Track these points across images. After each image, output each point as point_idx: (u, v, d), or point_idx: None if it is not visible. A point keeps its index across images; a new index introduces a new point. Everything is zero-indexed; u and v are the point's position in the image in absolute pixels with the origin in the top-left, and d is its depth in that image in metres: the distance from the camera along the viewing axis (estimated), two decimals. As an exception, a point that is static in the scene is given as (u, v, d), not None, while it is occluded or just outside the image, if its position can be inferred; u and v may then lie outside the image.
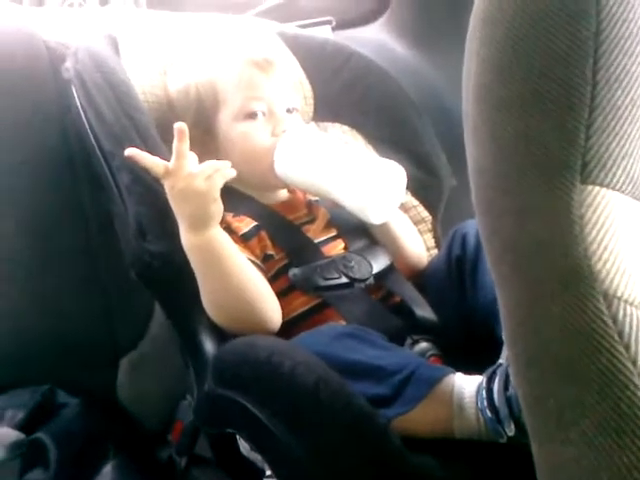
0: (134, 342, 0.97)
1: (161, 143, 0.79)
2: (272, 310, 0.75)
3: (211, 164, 0.73)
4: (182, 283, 0.74)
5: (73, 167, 0.91)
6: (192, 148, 0.73)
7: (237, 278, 0.73)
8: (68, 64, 0.85)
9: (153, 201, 0.74)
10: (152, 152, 0.74)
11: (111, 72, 0.82)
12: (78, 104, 0.81)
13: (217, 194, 0.73)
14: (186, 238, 0.73)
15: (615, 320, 0.39)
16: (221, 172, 0.73)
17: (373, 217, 0.78)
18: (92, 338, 0.94)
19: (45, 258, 0.92)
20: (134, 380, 0.97)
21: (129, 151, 0.72)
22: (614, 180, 0.42)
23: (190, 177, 0.71)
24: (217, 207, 0.73)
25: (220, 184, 0.73)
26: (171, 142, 0.72)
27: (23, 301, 0.92)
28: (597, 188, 0.42)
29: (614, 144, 0.42)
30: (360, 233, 0.87)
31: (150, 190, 0.74)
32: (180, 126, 0.71)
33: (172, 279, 0.75)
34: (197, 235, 0.72)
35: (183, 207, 0.72)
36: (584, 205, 0.41)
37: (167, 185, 0.72)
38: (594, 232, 0.41)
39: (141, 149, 0.74)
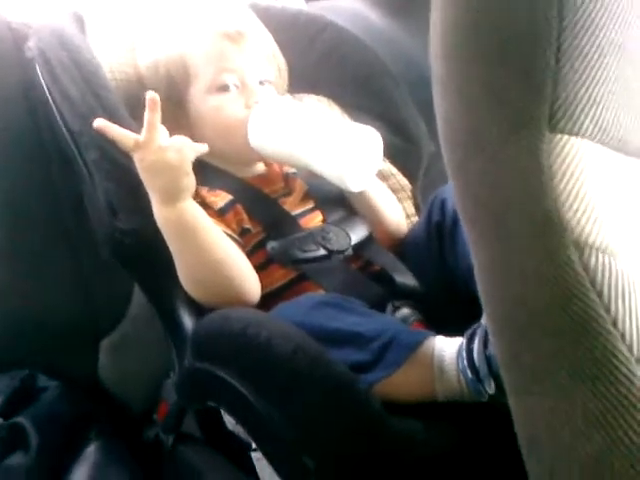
0: (114, 323, 0.96)
1: (131, 121, 0.77)
2: (250, 283, 0.74)
3: (182, 138, 0.72)
4: (157, 260, 0.73)
5: (42, 147, 0.90)
6: (164, 124, 0.72)
7: (213, 251, 0.72)
8: (31, 43, 0.83)
9: (122, 177, 0.73)
10: (120, 128, 0.72)
11: (76, 50, 0.80)
12: (43, 83, 0.79)
13: (189, 167, 0.72)
14: (158, 212, 0.72)
15: (587, 268, 0.39)
16: (192, 145, 0.72)
17: (351, 184, 0.77)
18: (71, 320, 0.93)
19: (20, 241, 0.91)
20: (116, 361, 0.97)
21: (97, 122, 0.71)
22: (582, 128, 0.41)
23: (161, 150, 0.70)
24: (189, 180, 0.72)
25: (192, 157, 0.72)
26: (141, 119, 0.71)
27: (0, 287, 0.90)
28: (566, 137, 0.41)
29: (582, 91, 0.41)
30: (338, 204, 0.87)
31: (118, 166, 0.73)
32: (152, 95, 0.70)
33: (146, 256, 0.74)
34: (169, 208, 0.71)
35: (154, 180, 0.71)
36: (553, 154, 0.41)
37: (137, 158, 0.71)
38: (564, 181, 0.40)
39: None
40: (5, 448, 0.77)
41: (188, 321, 0.73)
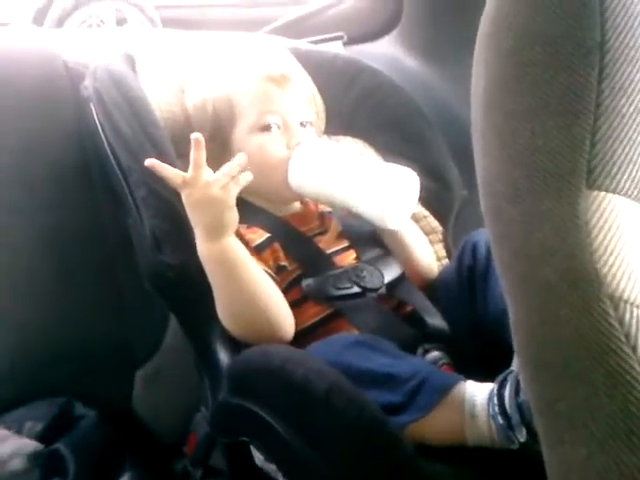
0: (149, 354, 0.98)
1: (176, 158, 0.81)
2: (285, 319, 0.76)
3: (226, 171, 0.74)
4: (197, 295, 0.75)
5: (92, 183, 0.93)
6: (209, 162, 0.75)
7: (252, 287, 0.74)
8: (87, 82, 0.87)
9: (168, 214, 0.76)
10: (168, 165, 0.76)
11: (128, 89, 0.84)
12: (96, 121, 0.83)
13: (233, 202, 0.74)
14: (202, 247, 0.74)
15: (622, 322, 0.39)
16: (236, 179, 0.75)
17: (390, 222, 0.78)
18: (108, 350, 0.95)
19: (63, 272, 0.93)
20: (150, 392, 0.98)
21: (149, 162, 0.75)
22: (619, 185, 0.43)
23: (206, 186, 0.73)
24: (232, 215, 0.75)
25: (235, 192, 0.75)
26: (186, 157, 0.74)
27: (41, 314, 0.93)
28: (603, 193, 0.42)
29: (619, 150, 0.43)
30: (372, 243, 0.88)
31: (165, 203, 0.76)
32: (197, 136, 0.73)
33: (187, 291, 0.76)
34: (213, 244, 0.74)
35: (199, 216, 0.74)
36: (590, 210, 0.42)
37: (184, 195, 0.74)
38: (600, 237, 0.42)
39: None
40: (45, 474, 0.78)
41: (224, 356, 0.74)
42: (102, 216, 0.94)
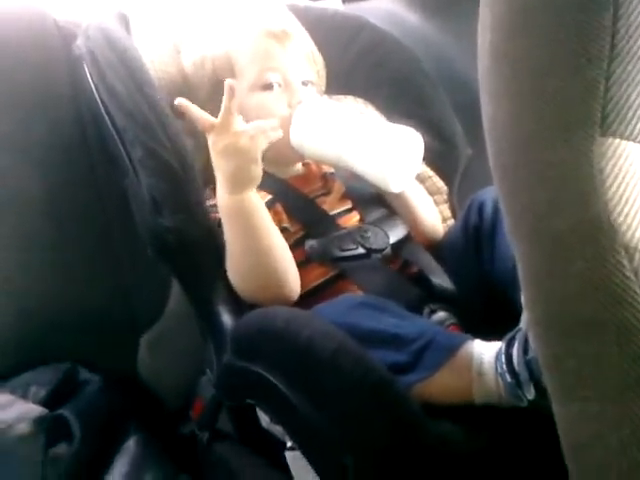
0: (153, 319, 0.98)
1: (173, 117, 0.79)
2: (294, 276, 0.75)
3: (256, 125, 0.73)
4: (199, 257, 0.75)
5: (88, 145, 0.92)
6: None
7: (268, 240, 0.73)
8: (79, 42, 0.85)
9: (167, 175, 0.75)
10: (164, 126, 0.74)
11: (123, 49, 0.82)
12: (90, 81, 0.81)
13: (259, 155, 0.73)
14: (223, 197, 0.73)
15: (637, 273, 0.38)
16: (266, 134, 0.74)
17: (393, 185, 0.77)
18: (111, 316, 0.95)
19: (62, 238, 0.93)
20: (154, 357, 0.98)
21: (178, 100, 0.74)
22: (635, 132, 0.41)
23: (235, 135, 0.72)
24: (258, 169, 0.73)
25: (264, 145, 0.74)
26: (182, 119, 0.72)
27: (42, 282, 0.92)
28: (617, 140, 0.41)
29: (634, 95, 0.41)
30: (376, 204, 0.87)
31: (163, 163, 0.75)
32: (231, 83, 0.71)
33: (188, 253, 0.75)
34: (235, 195, 0.73)
35: (225, 164, 0.73)
36: (604, 158, 0.40)
37: (211, 140, 0.73)
38: (615, 185, 0.40)
39: (153, 124, 0.74)
40: (50, 439, 0.79)
41: (227, 319, 0.74)
42: (99, 180, 0.93)
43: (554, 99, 0.42)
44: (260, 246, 0.73)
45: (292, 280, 0.75)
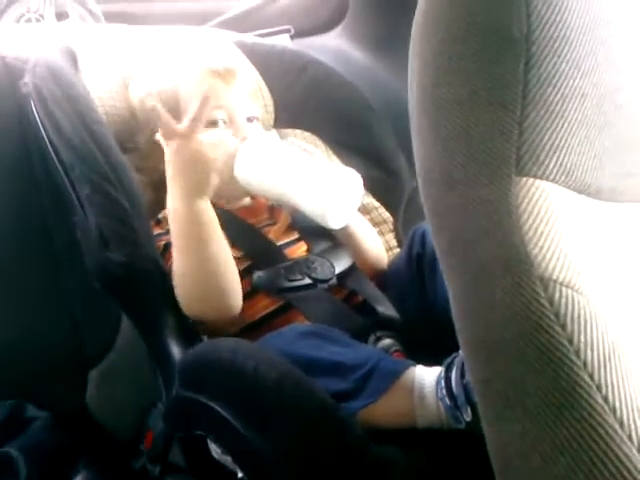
0: (102, 353, 0.97)
1: (120, 154, 0.80)
2: (237, 288, 0.77)
3: (220, 135, 0.76)
4: (147, 290, 0.75)
5: (35, 182, 0.91)
6: (155, 156, 0.74)
7: (220, 252, 0.75)
8: (26, 79, 0.85)
9: (113, 210, 0.76)
10: (111, 162, 0.75)
11: (69, 85, 0.83)
12: (37, 118, 0.82)
13: (219, 166, 0.76)
14: (180, 205, 0.75)
15: (551, 302, 0.41)
16: (226, 145, 0.77)
17: (332, 221, 0.80)
18: (60, 351, 0.94)
19: (9, 272, 0.92)
20: (104, 391, 0.97)
21: (151, 106, 0.77)
22: (547, 172, 0.45)
23: (199, 142, 0.74)
24: (217, 179, 0.76)
25: (224, 158, 0.77)
26: (130, 154, 0.74)
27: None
28: (531, 180, 0.44)
29: (546, 138, 0.45)
30: (322, 235, 0.89)
31: (110, 199, 0.76)
32: (206, 94, 0.75)
33: (136, 286, 0.76)
34: (192, 203, 0.74)
35: (185, 170, 0.74)
36: (520, 196, 0.44)
37: (172, 146, 0.75)
38: (530, 220, 0.43)
39: (100, 161, 0.75)
40: (-5, 476, 0.78)
41: (176, 350, 0.74)
42: (47, 215, 0.92)
43: (476, 141, 0.45)
44: (213, 258, 0.74)
45: (236, 292, 0.76)
